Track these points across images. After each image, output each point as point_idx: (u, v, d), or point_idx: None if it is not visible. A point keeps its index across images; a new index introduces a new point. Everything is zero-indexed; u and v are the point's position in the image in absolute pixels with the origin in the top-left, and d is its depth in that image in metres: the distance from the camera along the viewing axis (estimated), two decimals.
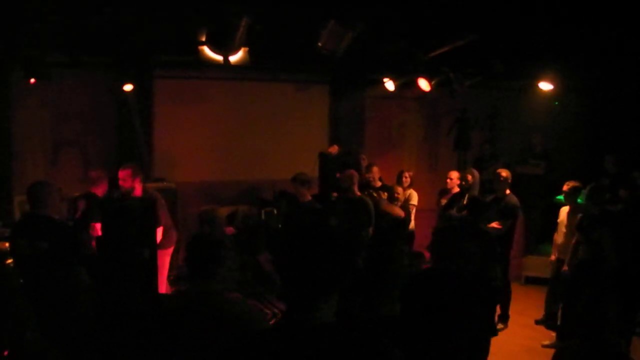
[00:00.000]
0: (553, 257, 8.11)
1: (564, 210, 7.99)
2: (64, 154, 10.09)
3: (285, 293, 2.68)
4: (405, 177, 9.40)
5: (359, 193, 8.20)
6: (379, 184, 9.07)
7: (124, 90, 9.16)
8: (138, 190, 7.44)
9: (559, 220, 8.05)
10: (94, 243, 6.20)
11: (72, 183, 7.50)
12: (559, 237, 7.97)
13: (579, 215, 7.47)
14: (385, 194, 8.53)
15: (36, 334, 5.48)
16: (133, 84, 9.13)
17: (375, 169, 9.31)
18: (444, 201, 8.78)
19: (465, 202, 8.40)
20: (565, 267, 7.56)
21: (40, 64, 8.19)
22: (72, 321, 5.43)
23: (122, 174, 7.38)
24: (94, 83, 9.89)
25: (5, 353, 5.47)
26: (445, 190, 9.03)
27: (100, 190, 7.53)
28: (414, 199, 9.31)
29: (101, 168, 8.15)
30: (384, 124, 12.49)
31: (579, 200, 7.89)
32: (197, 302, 3.46)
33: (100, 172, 7.76)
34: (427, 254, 8.27)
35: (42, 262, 5.39)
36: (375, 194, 8.48)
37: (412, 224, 9.17)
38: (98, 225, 6.49)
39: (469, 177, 8.56)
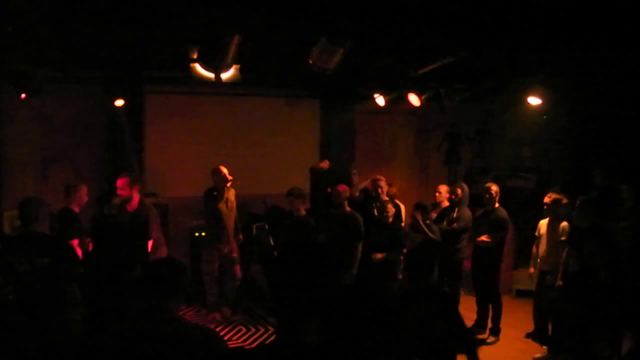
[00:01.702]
0: (532, 270, 8.15)
1: (544, 223, 8.03)
2: (54, 169, 10.07)
3: (277, 309, 2.72)
4: (380, 188, 9.31)
5: (348, 208, 8.24)
6: (386, 198, 9.05)
7: (114, 105, 9.16)
8: (136, 199, 7.44)
9: (538, 233, 8.07)
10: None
11: (61, 198, 7.46)
12: (540, 250, 7.99)
13: (562, 227, 7.57)
14: (394, 208, 8.54)
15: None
16: (124, 99, 9.12)
17: (382, 183, 9.26)
18: (434, 215, 8.79)
19: (455, 215, 8.44)
20: (549, 278, 7.62)
21: (30, 79, 8.17)
22: (64, 336, 5.42)
23: (119, 182, 7.39)
24: (84, 98, 9.88)
25: None
26: (435, 204, 9.05)
27: (76, 204, 7.37)
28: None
29: (79, 181, 8.12)
30: (375, 138, 12.54)
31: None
32: (156, 326, 3.44)
33: (76, 184, 7.66)
34: None
35: (41, 278, 5.38)
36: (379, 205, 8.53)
37: None
38: (75, 242, 6.48)
39: (459, 191, 8.59)
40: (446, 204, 8.90)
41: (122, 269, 5.68)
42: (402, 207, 9.59)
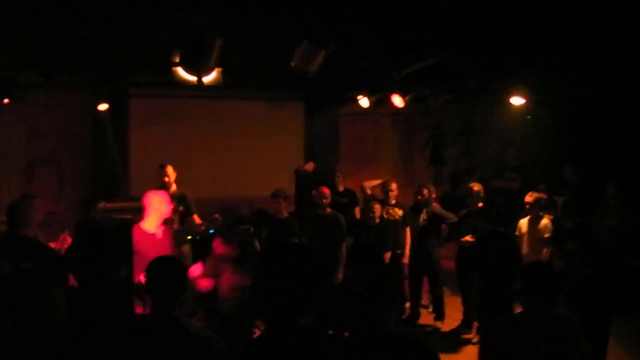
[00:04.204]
0: None
1: (524, 222, 7.99)
2: (39, 173, 10.05)
3: (263, 311, 2.74)
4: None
5: (330, 210, 8.22)
6: (394, 201, 8.76)
7: (99, 110, 9.15)
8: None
9: (519, 232, 8.05)
10: None
11: (46, 202, 7.44)
12: (523, 249, 7.89)
13: (543, 224, 7.61)
14: (401, 211, 8.55)
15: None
16: (108, 103, 9.12)
17: (393, 185, 8.86)
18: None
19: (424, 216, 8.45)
20: None
21: (13, 84, 8.16)
22: (48, 340, 5.41)
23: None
24: (69, 102, 9.89)
25: None
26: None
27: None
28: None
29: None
30: (359, 140, 12.58)
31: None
32: (158, 327, 3.45)
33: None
34: None
35: (25, 282, 5.36)
36: (390, 211, 8.52)
37: None
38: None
39: (425, 191, 8.55)
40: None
41: (106, 273, 5.66)
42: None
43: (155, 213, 6.16)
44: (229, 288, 6.71)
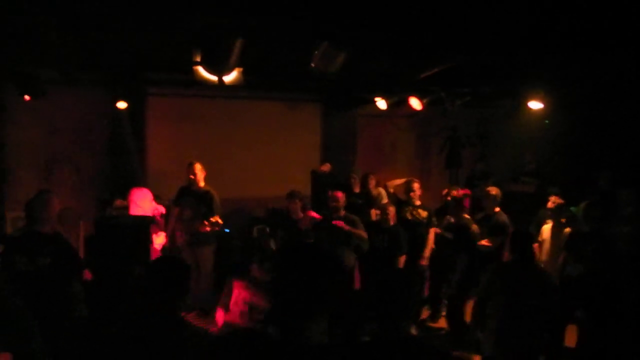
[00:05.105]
0: None
1: (547, 228, 7.95)
2: (57, 171, 10.11)
3: (276, 313, 2.75)
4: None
5: (343, 212, 8.13)
6: (418, 202, 8.72)
7: (117, 108, 9.19)
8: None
9: (541, 239, 8.02)
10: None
11: (64, 199, 7.48)
12: (543, 255, 7.90)
13: (566, 233, 7.53)
14: (426, 212, 8.52)
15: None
16: (126, 102, 9.16)
17: (416, 185, 8.76)
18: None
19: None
20: None
21: (34, 81, 8.22)
22: (67, 334, 5.45)
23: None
24: (87, 100, 9.93)
25: None
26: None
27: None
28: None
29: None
30: (376, 142, 12.57)
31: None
32: (157, 326, 3.45)
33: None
34: None
35: (44, 278, 5.41)
36: (414, 213, 8.51)
37: None
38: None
39: (455, 193, 8.58)
40: None
41: (122, 269, 5.71)
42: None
43: (137, 209, 6.21)
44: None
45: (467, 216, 8.26)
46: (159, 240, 6.35)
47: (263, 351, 2.87)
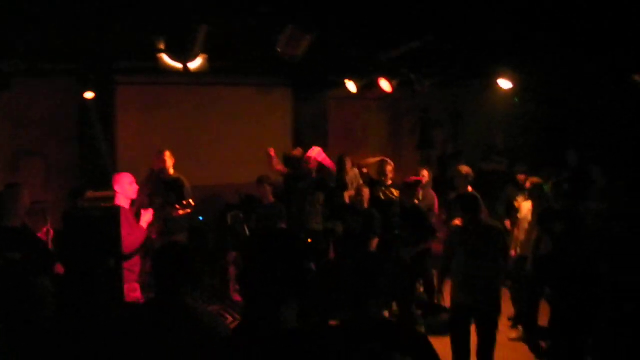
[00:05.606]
0: (514, 253, 8.06)
1: (526, 205, 7.99)
2: (25, 163, 9.98)
3: (248, 296, 2.74)
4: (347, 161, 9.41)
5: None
6: (390, 182, 8.92)
7: (85, 98, 9.08)
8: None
9: (520, 216, 8.08)
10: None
11: (33, 191, 7.38)
12: (521, 234, 7.95)
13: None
14: (398, 192, 8.55)
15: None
16: (95, 91, 9.05)
17: (389, 168, 9.05)
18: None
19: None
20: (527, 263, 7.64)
21: None
22: (37, 329, 5.41)
23: None
24: (54, 90, 9.81)
25: None
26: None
27: None
28: None
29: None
30: (347, 124, 12.57)
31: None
32: (164, 313, 3.40)
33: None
34: None
35: (13, 273, 5.35)
36: (387, 192, 8.53)
37: None
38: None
39: (424, 172, 8.65)
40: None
41: (94, 262, 5.65)
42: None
43: (122, 194, 6.17)
44: None
45: (416, 201, 8.29)
46: (146, 217, 6.32)
47: (235, 337, 2.87)
